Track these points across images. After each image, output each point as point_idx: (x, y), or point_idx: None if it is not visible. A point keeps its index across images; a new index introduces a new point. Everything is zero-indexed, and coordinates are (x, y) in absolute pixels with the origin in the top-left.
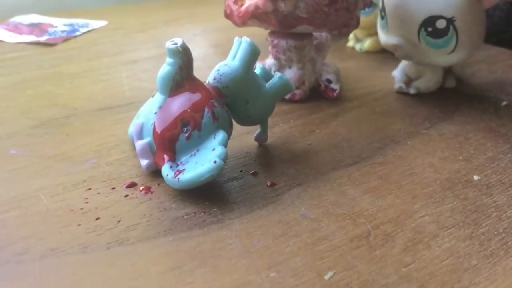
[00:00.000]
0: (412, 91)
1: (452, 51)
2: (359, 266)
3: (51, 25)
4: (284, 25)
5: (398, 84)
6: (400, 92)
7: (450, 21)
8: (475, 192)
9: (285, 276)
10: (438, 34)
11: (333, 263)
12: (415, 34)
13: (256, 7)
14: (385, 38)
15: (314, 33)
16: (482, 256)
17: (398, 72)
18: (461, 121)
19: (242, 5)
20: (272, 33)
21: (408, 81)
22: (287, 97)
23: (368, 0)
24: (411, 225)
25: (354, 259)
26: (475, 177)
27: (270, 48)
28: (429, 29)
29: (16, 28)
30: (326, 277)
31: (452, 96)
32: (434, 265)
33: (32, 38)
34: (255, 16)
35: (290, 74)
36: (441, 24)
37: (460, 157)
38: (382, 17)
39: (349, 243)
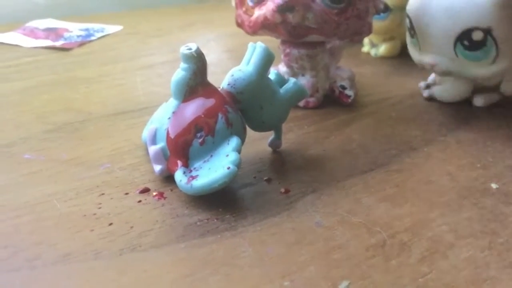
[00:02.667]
0: (425, 94)
1: (493, 61)
2: (374, 276)
3: (67, 30)
4: (293, 36)
5: (422, 82)
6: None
7: (487, 31)
8: (493, 201)
9: (299, 285)
10: (476, 46)
11: (348, 273)
12: (451, 50)
13: (265, 18)
14: (418, 57)
15: None
16: (501, 267)
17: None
18: (478, 128)
19: (252, 15)
20: (284, 42)
21: (431, 84)
22: (300, 104)
23: (379, 6)
24: (428, 234)
25: (370, 268)
26: (493, 186)
27: (282, 56)
28: (466, 42)
29: (32, 33)
30: (341, 286)
31: (470, 103)
32: (451, 275)
33: (47, 42)
34: (264, 27)
35: (303, 82)
36: (477, 36)
37: (478, 165)
38: (412, 36)
39: (364, 252)
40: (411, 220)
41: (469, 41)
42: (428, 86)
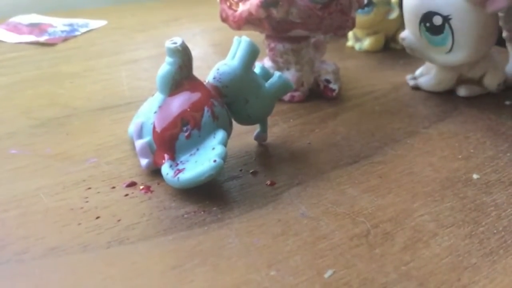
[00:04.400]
0: (411, 83)
1: (450, 50)
2: (358, 264)
3: (51, 25)
4: (278, 30)
5: (409, 75)
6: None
7: (445, 18)
8: (474, 191)
9: (285, 275)
10: (435, 30)
11: (333, 262)
12: (417, 28)
13: (249, 13)
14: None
15: None
16: (482, 255)
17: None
18: (460, 120)
19: (236, 10)
20: (268, 37)
21: (418, 76)
22: (286, 98)
23: (362, 0)
24: (411, 223)
25: (354, 257)
26: (475, 176)
27: (267, 51)
28: (427, 24)
29: (16, 28)
30: (326, 275)
31: (451, 95)
32: (433, 263)
33: (31, 38)
34: (249, 22)
35: (288, 76)
36: (437, 20)
37: (460, 156)
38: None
39: (348, 242)
40: (394, 210)
41: (430, 23)
42: (415, 78)
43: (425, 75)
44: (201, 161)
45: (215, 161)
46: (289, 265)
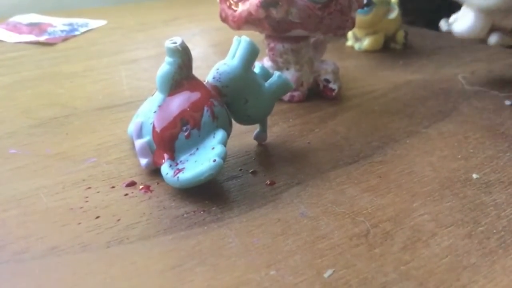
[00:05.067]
0: (444, 27)
1: None
2: (358, 264)
3: (51, 25)
4: (277, 30)
5: (443, 20)
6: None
7: None
8: (474, 191)
9: (285, 274)
10: None
11: (333, 261)
12: None
13: (249, 13)
14: None
15: None
16: (481, 254)
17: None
18: (460, 120)
19: (236, 10)
20: (268, 37)
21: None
22: (285, 98)
23: (362, 0)
24: (410, 223)
25: (354, 257)
26: (474, 176)
27: (267, 51)
28: None
29: (16, 28)
30: (326, 275)
31: (451, 95)
32: (433, 263)
33: (31, 37)
34: (248, 22)
35: (288, 76)
36: None
37: (459, 156)
38: None
39: (348, 242)
40: (394, 209)
41: None
42: (448, 24)
43: (459, 20)
44: (201, 161)
45: (214, 160)
46: (289, 264)
